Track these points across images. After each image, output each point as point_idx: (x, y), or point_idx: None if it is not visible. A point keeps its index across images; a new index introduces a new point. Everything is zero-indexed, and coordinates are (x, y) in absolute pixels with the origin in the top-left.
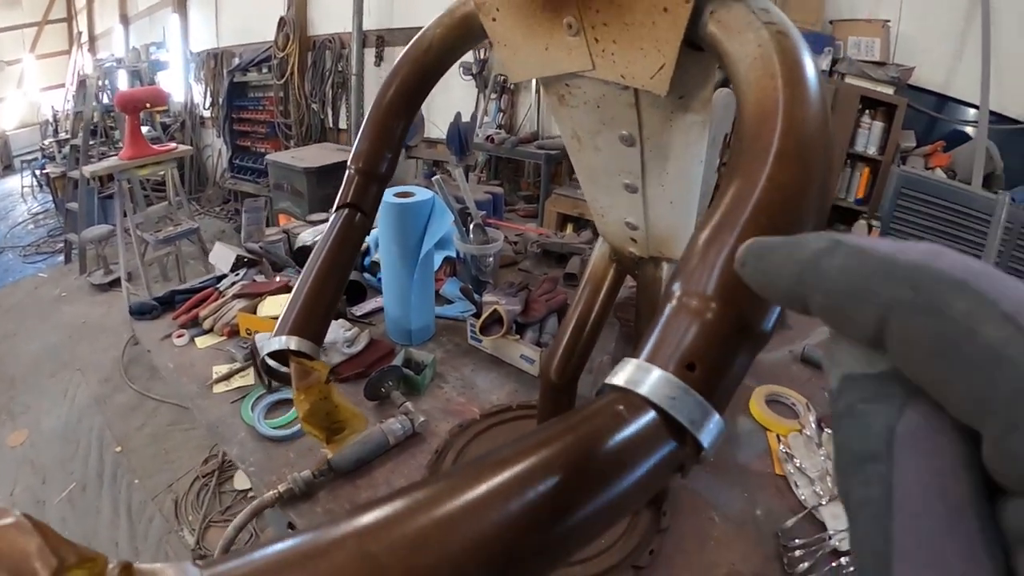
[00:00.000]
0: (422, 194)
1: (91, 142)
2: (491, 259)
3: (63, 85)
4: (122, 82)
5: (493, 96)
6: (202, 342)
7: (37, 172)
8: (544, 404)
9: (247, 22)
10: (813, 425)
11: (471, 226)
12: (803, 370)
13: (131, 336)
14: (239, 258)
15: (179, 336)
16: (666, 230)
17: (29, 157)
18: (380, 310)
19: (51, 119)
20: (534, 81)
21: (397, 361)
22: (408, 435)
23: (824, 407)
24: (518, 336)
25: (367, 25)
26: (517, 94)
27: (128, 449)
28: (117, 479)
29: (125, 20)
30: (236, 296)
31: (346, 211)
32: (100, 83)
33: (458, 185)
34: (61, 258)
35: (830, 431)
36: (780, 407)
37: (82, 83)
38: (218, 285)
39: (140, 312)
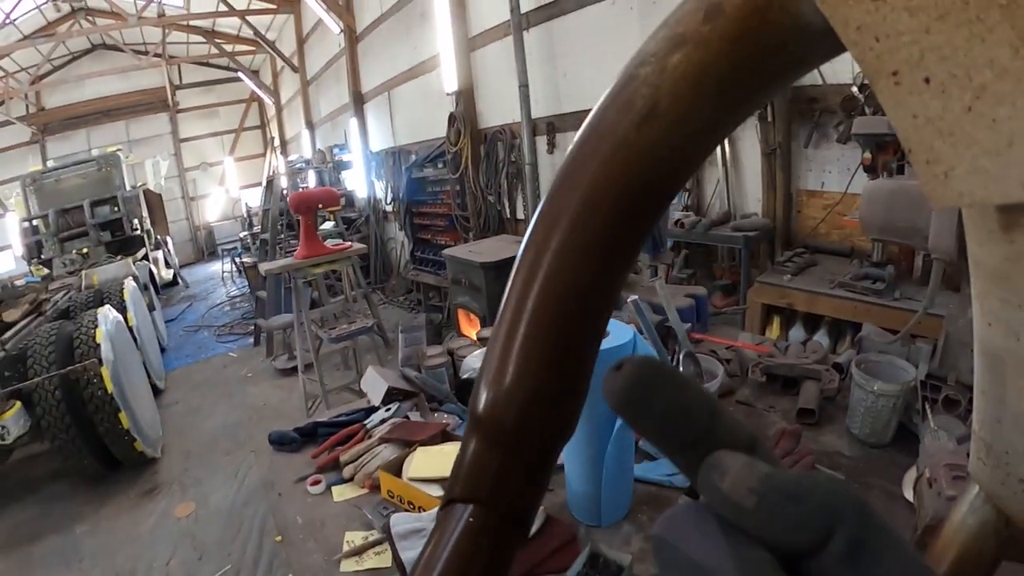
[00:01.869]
0: (618, 331)
1: (281, 235)
2: None
3: (259, 184)
4: (311, 181)
5: None
6: (339, 493)
7: (236, 260)
8: None
9: (420, 121)
10: None
11: (680, 356)
12: None
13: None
14: (391, 391)
15: (314, 483)
16: None
17: (230, 246)
18: (560, 467)
19: (246, 214)
20: (721, 149)
21: (580, 562)
22: None
23: None
24: None
25: (536, 113)
26: (703, 170)
27: (288, 541)
28: (272, 570)
29: (311, 125)
30: (384, 440)
31: (473, 515)
32: (288, 182)
33: (654, 290)
34: (251, 340)
35: None
36: None
37: (269, 182)
38: (367, 421)
39: (279, 442)
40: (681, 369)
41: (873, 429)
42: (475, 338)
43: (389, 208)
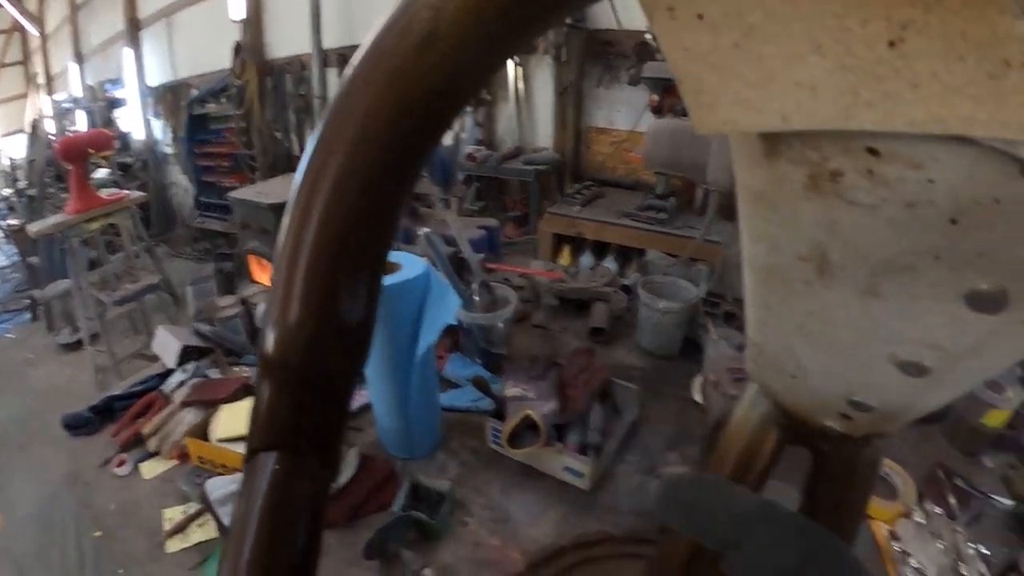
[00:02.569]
0: (411, 264)
1: (50, 189)
2: (502, 325)
3: (23, 131)
4: (81, 123)
5: (469, 109)
6: (148, 469)
7: (1, 223)
8: None
9: (203, 51)
10: (919, 505)
11: (475, 286)
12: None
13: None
14: (185, 349)
15: (120, 464)
16: (920, 410)
17: None
18: (368, 407)
19: (9, 168)
20: (514, 86)
21: (402, 495)
22: None
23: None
24: (560, 444)
25: (327, 43)
26: (495, 105)
27: (107, 533)
28: (99, 568)
29: (79, 57)
30: (185, 404)
31: (277, 462)
32: (56, 126)
33: (446, 222)
34: (28, 316)
35: (940, 509)
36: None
37: (34, 128)
38: (163, 386)
39: (74, 426)
40: (477, 299)
41: (661, 343)
42: (269, 284)
43: (169, 150)
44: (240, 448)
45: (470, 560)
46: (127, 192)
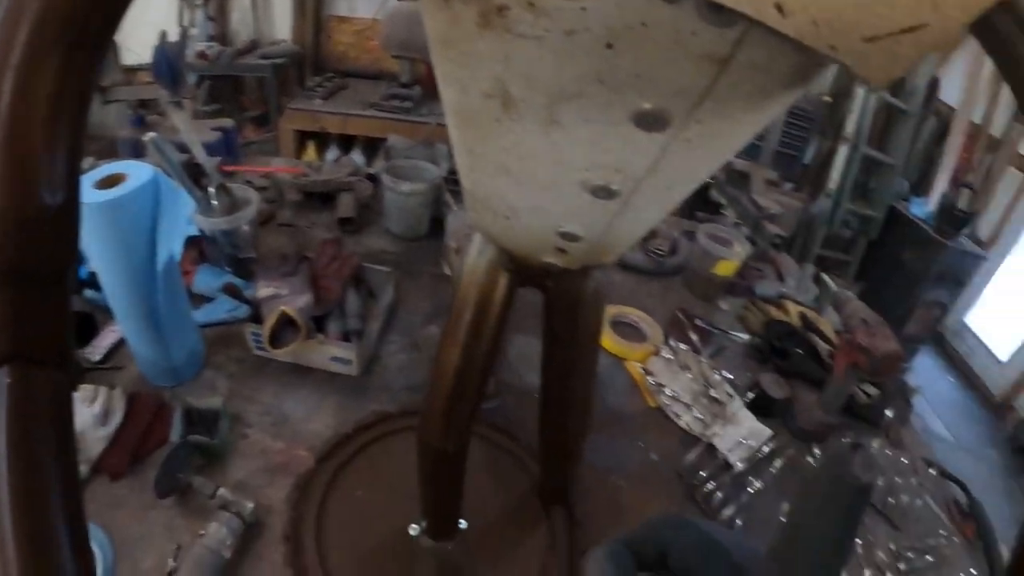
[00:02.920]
0: (137, 172)
1: None
2: (247, 227)
3: None
4: None
5: (198, 2)
6: None
7: None
8: (433, 477)
9: None
10: (668, 344)
11: (212, 190)
12: (628, 279)
13: None
14: None
15: None
16: (623, 237)
17: None
18: (123, 342)
19: None
20: None
21: (177, 424)
22: (241, 532)
23: (667, 319)
24: (321, 335)
25: None
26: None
27: None
28: None
29: None
30: None
31: (8, 375)
32: None
33: (177, 128)
34: None
35: (685, 346)
36: (626, 329)
37: None
38: None
39: None
40: (215, 204)
41: (409, 225)
42: None
43: None
44: None
45: (261, 470)
46: None
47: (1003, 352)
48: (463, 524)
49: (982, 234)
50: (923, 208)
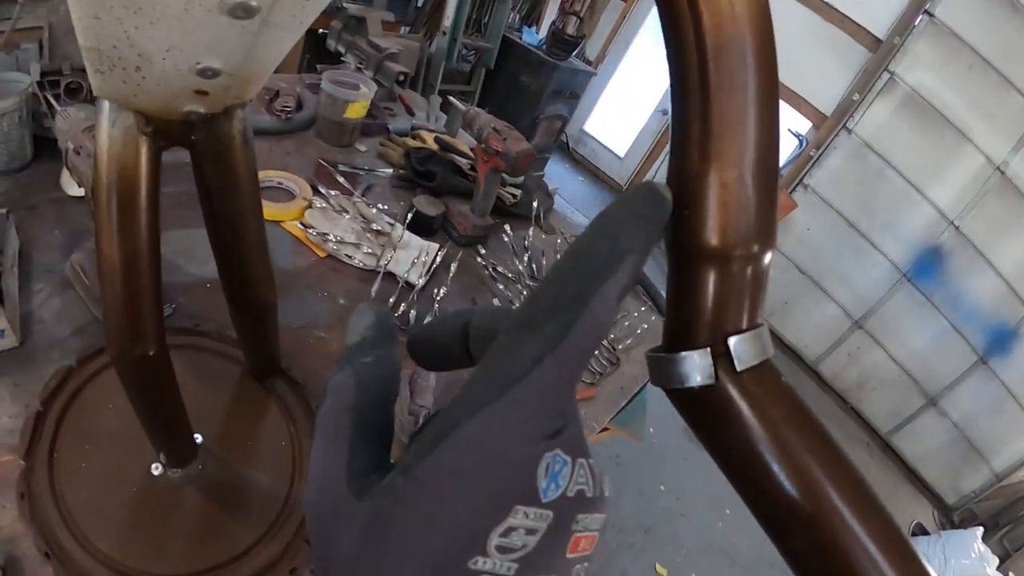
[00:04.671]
0: None
1: None
2: None
3: None
4: None
5: None
6: None
7: None
8: (146, 394)
9: None
10: (319, 194)
11: None
12: (261, 143)
13: None
14: None
15: None
16: (265, 63)
17: None
18: None
19: None
20: None
21: None
22: None
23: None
24: None
25: None
26: None
27: None
28: None
29: None
30: None
31: None
32: None
33: None
34: None
35: (335, 192)
36: (274, 192)
37: None
38: None
39: None
40: None
41: (10, 153)
42: None
43: None
44: None
45: None
46: None
47: (620, 149)
48: (199, 439)
49: (591, 55)
50: (535, 36)
